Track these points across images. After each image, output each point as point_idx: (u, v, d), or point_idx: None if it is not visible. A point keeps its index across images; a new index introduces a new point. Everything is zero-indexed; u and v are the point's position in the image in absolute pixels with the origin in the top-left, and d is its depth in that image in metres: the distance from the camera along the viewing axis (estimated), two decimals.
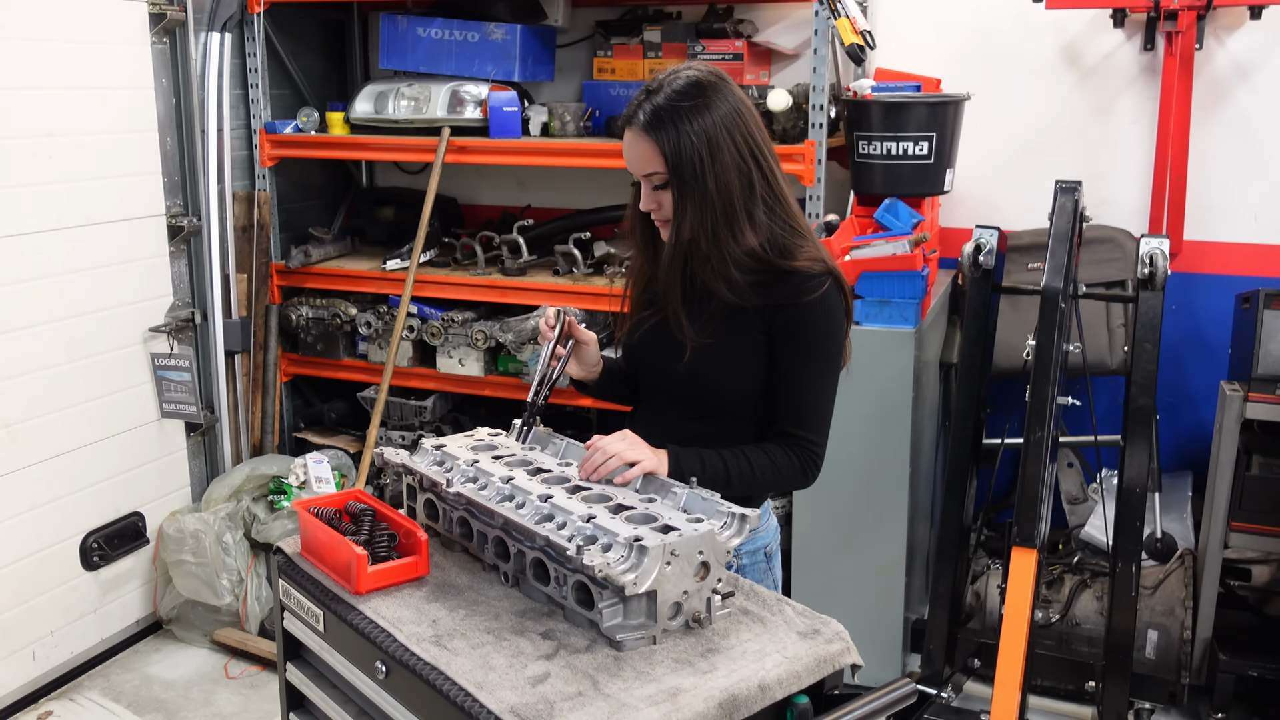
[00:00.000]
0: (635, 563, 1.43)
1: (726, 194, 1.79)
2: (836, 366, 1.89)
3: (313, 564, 1.69)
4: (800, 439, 1.85)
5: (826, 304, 1.82)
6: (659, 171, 1.79)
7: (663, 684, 1.37)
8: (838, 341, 1.87)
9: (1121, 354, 3.37)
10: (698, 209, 1.79)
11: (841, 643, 1.49)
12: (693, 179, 1.77)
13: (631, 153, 1.83)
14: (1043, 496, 2.60)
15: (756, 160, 1.81)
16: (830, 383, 1.89)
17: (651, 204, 1.83)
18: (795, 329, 1.82)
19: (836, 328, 1.86)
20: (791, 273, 1.81)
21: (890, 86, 3.41)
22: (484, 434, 1.89)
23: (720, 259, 1.80)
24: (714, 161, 1.77)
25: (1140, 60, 3.52)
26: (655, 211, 1.84)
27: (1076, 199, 2.79)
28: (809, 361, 1.84)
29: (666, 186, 1.80)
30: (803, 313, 1.81)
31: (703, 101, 1.77)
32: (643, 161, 1.81)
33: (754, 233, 1.81)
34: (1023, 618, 2.51)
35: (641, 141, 1.79)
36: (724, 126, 1.78)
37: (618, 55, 3.92)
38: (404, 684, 1.45)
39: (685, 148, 1.76)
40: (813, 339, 1.83)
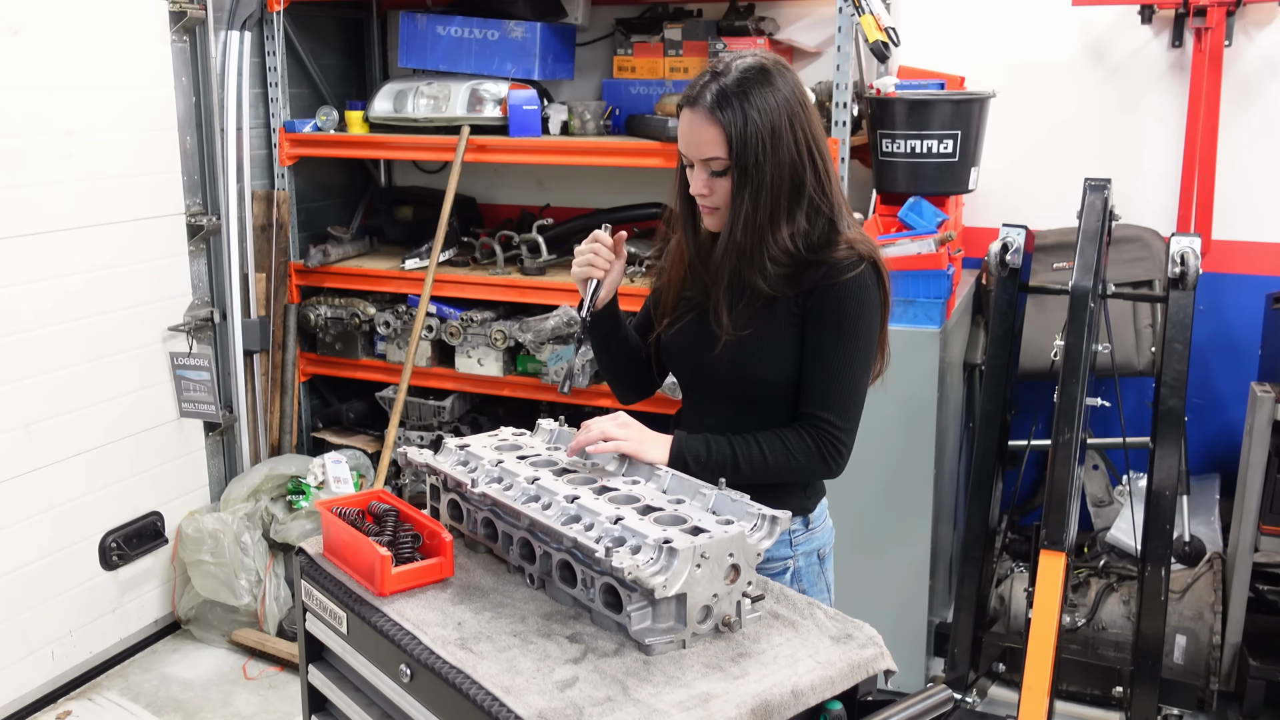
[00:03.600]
0: (665, 565, 1.40)
1: (776, 190, 1.76)
2: (866, 350, 1.83)
3: (335, 565, 1.67)
4: (822, 422, 1.80)
5: (859, 285, 1.78)
6: (719, 157, 1.75)
7: (693, 689, 1.35)
8: (869, 324, 1.81)
9: (1149, 354, 3.32)
10: (754, 197, 1.76)
11: (875, 648, 1.46)
12: (755, 167, 1.74)
13: (692, 135, 1.77)
14: (1071, 499, 2.56)
15: (813, 157, 1.79)
16: (859, 366, 1.83)
17: (704, 189, 1.79)
18: (825, 309, 1.79)
19: (868, 310, 1.80)
20: (820, 263, 1.79)
21: (913, 84, 3.37)
22: (508, 434, 1.87)
23: (759, 251, 1.78)
24: (775, 151, 1.75)
25: (1168, 57, 3.48)
26: (705, 197, 1.80)
27: (1106, 197, 2.75)
28: (836, 342, 1.79)
29: (725, 174, 1.76)
30: (834, 293, 1.78)
31: (769, 87, 1.75)
32: (704, 145, 1.76)
33: (791, 229, 1.78)
34: (1051, 622, 2.47)
35: (705, 124, 1.75)
36: (787, 115, 1.75)
37: (638, 53, 3.89)
38: (429, 687, 1.43)
39: (750, 133, 1.73)
40: (841, 319, 1.79)
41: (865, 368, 1.84)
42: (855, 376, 1.83)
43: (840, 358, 1.80)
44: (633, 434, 1.74)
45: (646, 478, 1.68)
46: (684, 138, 1.80)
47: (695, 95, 1.76)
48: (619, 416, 1.76)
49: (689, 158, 1.80)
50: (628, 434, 1.74)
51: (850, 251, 1.79)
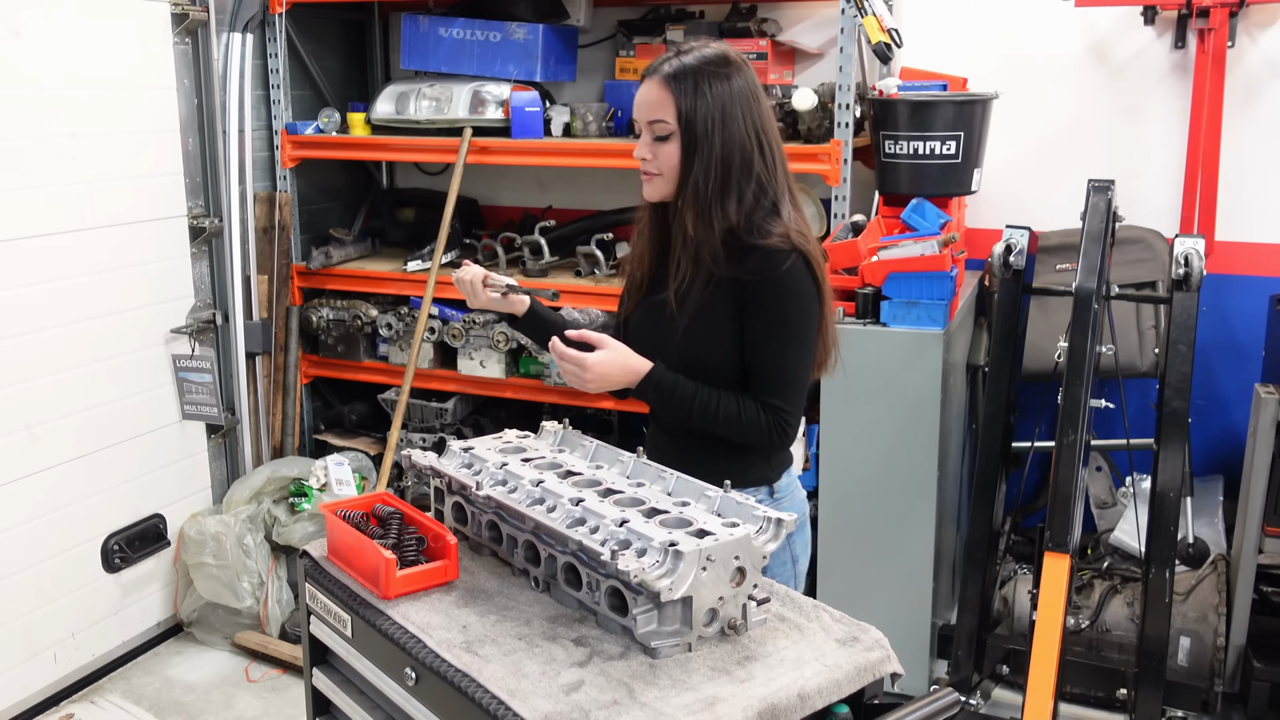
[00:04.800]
0: (670, 568, 1.40)
1: (727, 163, 1.87)
2: (805, 341, 1.95)
3: (340, 568, 1.66)
4: (773, 406, 1.93)
5: (792, 278, 1.89)
6: (666, 121, 1.87)
7: (700, 692, 1.34)
8: (804, 316, 1.93)
9: (1152, 356, 3.32)
10: (704, 164, 1.87)
11: (881, 651, 1.45)
12: (703, 137, 1.86)
13: (645, 98, 1.91)
14: (1075, 501, 2.56)
15: (760, 144, 1.90)
16: (799, 356, 1.95)
17: (647, 153, 1.92)
18: (762, 304, 1.90)
19: (802, 302, 1.92)
20: (756, 248, 1.89)
21: (916, 85, 3.36)
22: (512, 436, 1.87)
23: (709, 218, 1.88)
24: (724, 129, 1.87)
25: (1171, 58, 3.47)
26: (646, 161, 1.93)
27: (1109, 198, 2.75)
28: (775, 336, 1.91)
29: (667, 139, 1.89)
30: (769, 288, 1.89)
31: (725, 73, 1.88)
32: (654, 107, 1.89)
33: (737, 209, 1.89)
34: (1055, 624, 2.47)
35: (657, 90, 1.88)
36: (739, 102, 1.88)
37: (640, 55, 3.89)
38: (434, 691, 1.42)
39: (701, 107, 1.86)
40: (777, 313, 1.91)
41: (805, 356, 1.96)
42: (796, 365, 1.95)
43: (778, 348, 1.93)
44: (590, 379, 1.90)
45: (651, 480, 1.68)
46: (638, 102, 1.93)
47: (655, 66, 1.91)
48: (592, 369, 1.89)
49: (640, 121, 1.93)
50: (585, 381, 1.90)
51: (784, 241, 1.89)
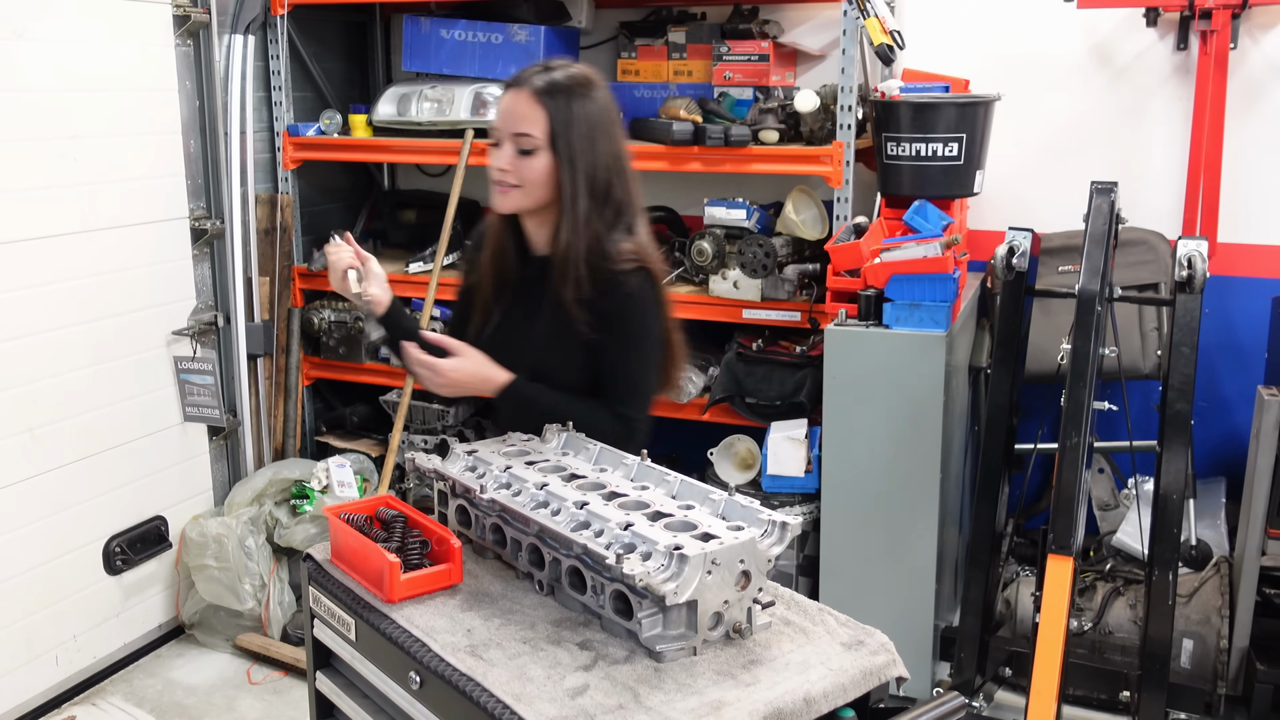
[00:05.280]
0: (676, 571, 1.40)
1: (596, 181, 1.94)
2: (654, 353, 2.03)
3: (344, 571, 1.66)
4: (623, 415, 2.00)
5: (640, 294, 1.97)
6: (534, 136, 1.91)
7: (705, 696, 1.34)
8: (653, 329, 2.01)
9: (1155, 358, 3.32)
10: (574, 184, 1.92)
11: (887, 654, 1.45)
12: (577, 154, 1.92)
13: (513, 109, 1.93)
14: (1079, 503, 2.55)
15: (621, 165, 1.98)
16: (648, 366, 2.04)
17: (506, 164, 1.94)
18: (614, 318, 1.96)
19: (650, 316, 2.00)
20: (610, 265, 1.94)
21: (918, 87, 3.36)
22: (516, 439, 1.86)
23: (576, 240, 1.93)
24: (593, 148, 1.93)
25: (1173, 60, 3.47)
26: (504, 173, 1.94)
27: (1112, 200, 2.75)
28: (626, 349, 1.99)
29: (531, 154, 1.92)
30: (622, 303, 1.95)
31: (592, 94, 1.95)
32: (523, 120, 1.92)
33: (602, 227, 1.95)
34: (1059, 627, 2.46)
35: (529, 104, 1.91)
36: (603, 122, 1.96)
37: (642, 57, 3.89)
38: (439, 695, 1.42)
39: (574, 124, 1.91)
40: (628, 329, 1.98)
41: (654, 367, 2.05)
42: (644, 375, 2.04)
43: (630, 361, 2.01)
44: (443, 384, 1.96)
45: (655, 483, 1.68)
46: (502, 113, 1.95)
47: (524, 78, 1.94)
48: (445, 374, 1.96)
49: (502, 132, 1.94)
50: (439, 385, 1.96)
51: (634, 258, 1.95)
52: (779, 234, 3.47)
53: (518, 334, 2.05)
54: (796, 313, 3.37)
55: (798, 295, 3.40)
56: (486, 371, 1.98)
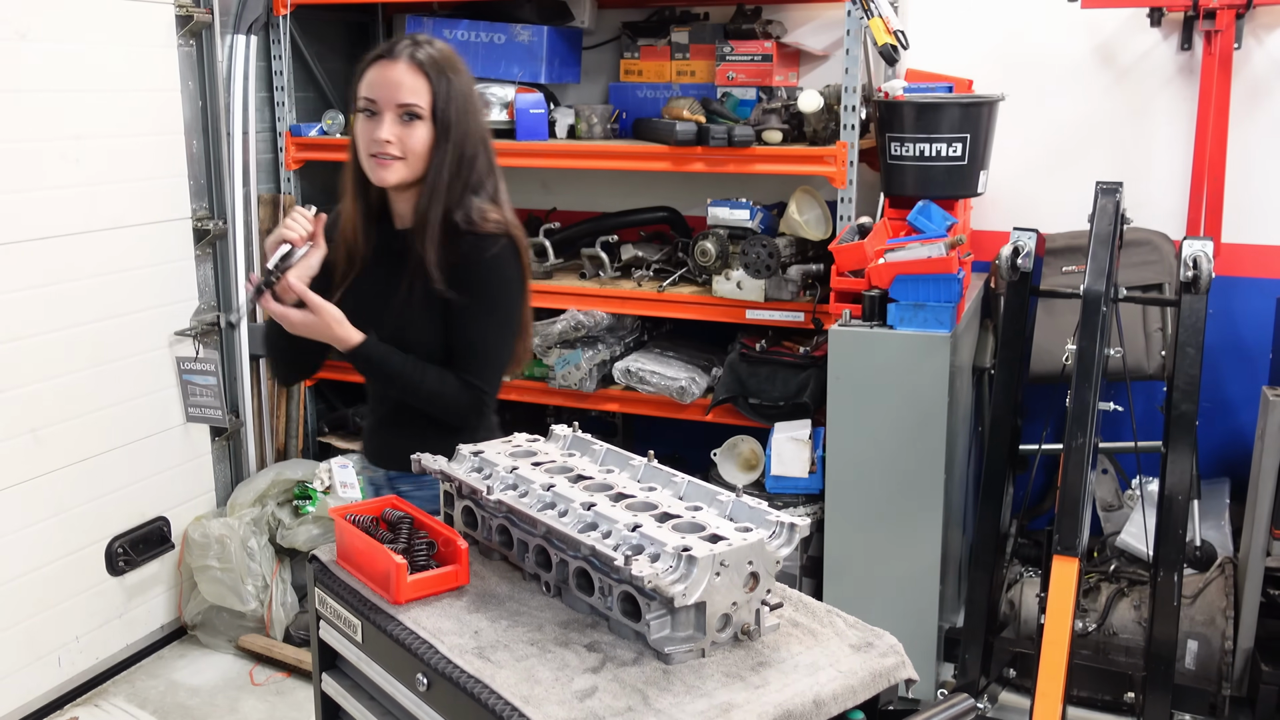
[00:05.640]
0: (684, 573, 1.39)
1: (469, 154, 1.97)
2: (510, 323, 2.04)
3: (349, 572, 1.65)
4: (473, 385, 2.03)
5: (501, 261, 1.98)
6: (419, 105, 1.93)
7: (714, 699, 1.33)
8: (511, 298, 2.03)
9: (1159, 358, 3.31)
10: (449, 155, 1.94)
11: (896, 656, 1.44)
12: (453, 125, 1.94)
13: (395, 79, 1.93)
14: (1084, 504, 2.55)
15: (485, 139, 2.03)
16: (503, 337, 2.05)
17: (391, 135, 1.92)
18: (472, 284, 1.97)
19: (510, 285, 2.01)
20: (472, 233, 1.97)
21: (921, 87, 3.36)
22: (522, 439, 1.86)
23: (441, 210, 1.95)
24: (468, 119, 1.97)
25: (1177, 60, 3.47)
26: (388, 145, 1.92)
27: (1117, 200, 2.74)
28: (483, 317, 2.00)
29: (414, 124, 1.93)
30: (479, 269, 1.97)
31: (461, 70, 2.00)
32: (407, 90, 1.92)
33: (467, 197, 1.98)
34: (1065, 628, 2.46)
35: (410, 73, 1.93)
36: (472, 98, 2.01)
37: (645, 57, 3.89)
38: (446, 697, 1.41)
39: (452, 96, 1.95)
40: (489, 296, 1.99)
41: (509, 338, 2.06)
42: (498, 346, 2.05)
43: (484, 328, 2.01)
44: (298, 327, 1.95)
45: (663, 484, 1.67)
46: (380, 84, 1.93)
47: (398, 49, 1.95)
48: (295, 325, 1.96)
49: (382, 103, 1.93)
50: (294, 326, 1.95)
51: (499, 226, 1.99)
52: (782, 234, 3.47)
53: (378, 303, 2.04)
54: (800, 313, 3.36)
55: (801, 296, 3.39)
56: (338, 330, 1.96)
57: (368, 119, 1.96)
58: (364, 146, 1.97)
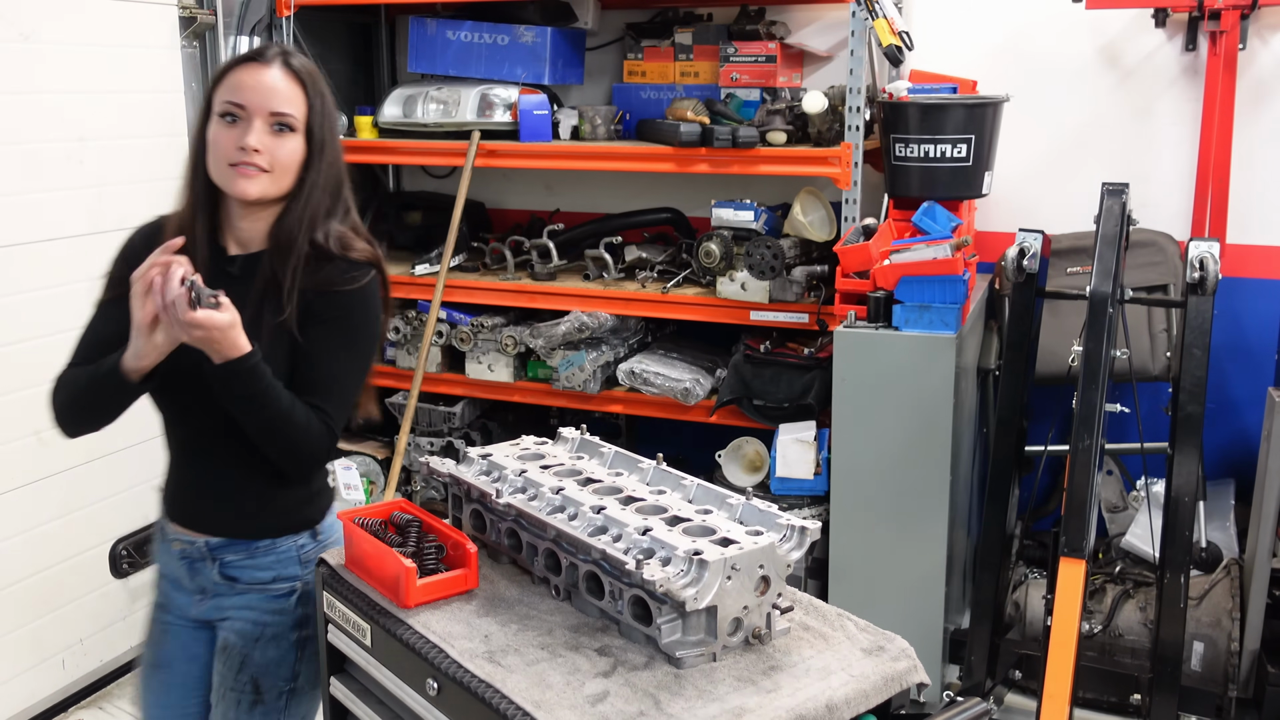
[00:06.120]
0: (695, 577, 1.39)
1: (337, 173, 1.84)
2: (368, 356, 1.91)
3: (358, 576, 1.65)
4: (327, 418, 1.82)
5: (368, 292, 1.85)
6: (294, 115, 1.76)
7: (726, 703, 1.33)
8: (372, 330, 1.89)
9: (1164, 360, 3.31)
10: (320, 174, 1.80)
11: (908, 660, 1.44)
12: (326, 142, 1.81)
13: (270, 84, 1.75)
14: (1091, 506, 2.55)
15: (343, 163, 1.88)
16: (359, 371, 1.90)
17: (259, 144, 1.73)
18: (336, 315, 1.82)
19: (372, 317, 1.87)
20: (339, 259, 1.83)
21: (925, 88, 3.35)
22: (530, 442, 1.85)
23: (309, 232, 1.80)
24: (336, 144, 1.85)
25: (1182, 61, 3.46)
26: (257, 155, 1.73)
27: (1124, 202, 2.74)
28: (343, 350, 1.84)
29: (286, 135, 1.76)
30: (345, 298, 1.82)
31: (328, 94, 1.85)
32: (283, 98, 1.76)
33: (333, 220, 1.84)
34: (1072, 629, 2.45)
35: (290, 81, 1.77)
36: (336, 119, 1.87)
37: (648, 58, 3.88)
38: (457, 701, 1.41)
39: (326, 114, 1.81)
40: (351, 326, 1.84)
41: (363, 376, 1.92)
42: (355, 383, 1.90)
43: (344, 362, 1.85)
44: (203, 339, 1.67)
45: (672, 487, 1.67)
46: (252, 88, 1.75)
47: (269, 54, 1.79)
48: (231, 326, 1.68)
49: (252, 109, 1.74)
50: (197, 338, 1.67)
51: (368, 254, 1.86)
52: (786, 235, 3.47)
53: None
54: (804, 314, 3.36)
55: (805, 297, 3.39)
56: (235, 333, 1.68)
57: (229, 125, 1.75)
58: (223, 154, 1.75)
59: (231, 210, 1.85)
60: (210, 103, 1.80)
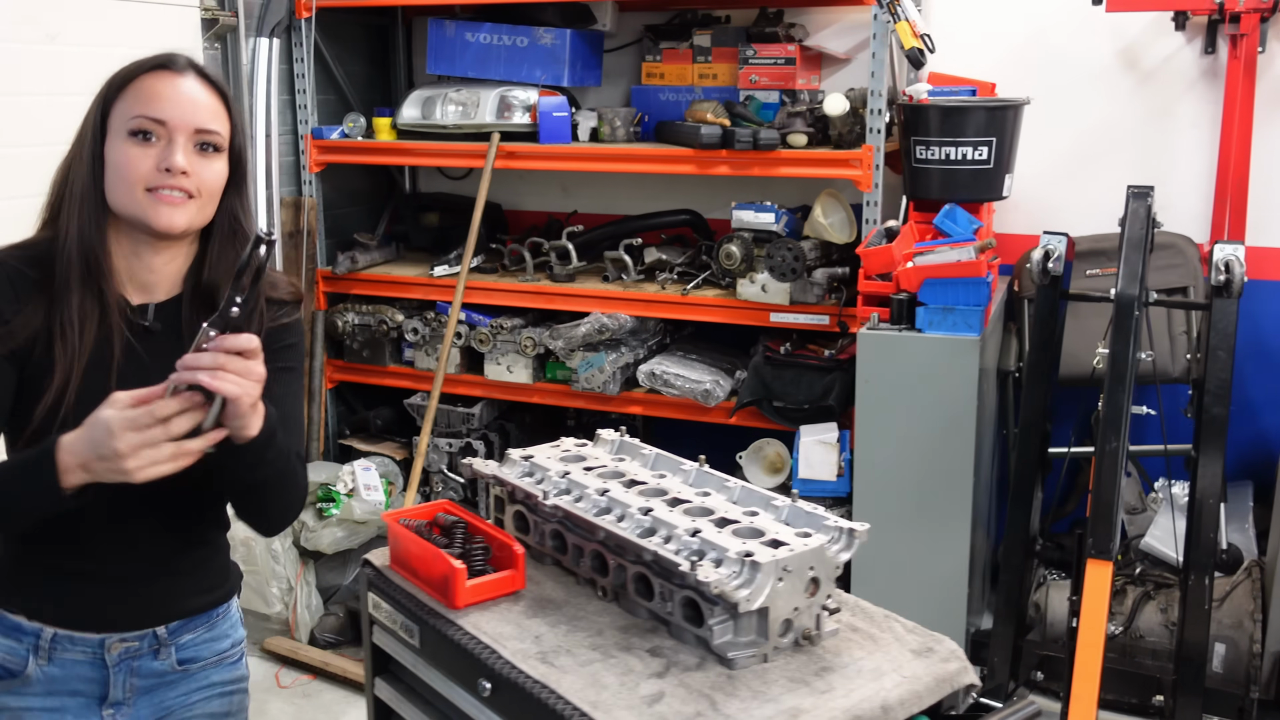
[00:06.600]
0: (748, 578, 1.39)
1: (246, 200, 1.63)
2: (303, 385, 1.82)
3: (404, 577, 1.65)
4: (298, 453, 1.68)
5: (299, 329, 1.71)
6: (219, 133, 1.53)
7: (781, 704, 1.33)
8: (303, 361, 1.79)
9: (1184, 362, 3.32)
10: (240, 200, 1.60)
11: (958, 661, 1.44)
12: (244, 165, 1.60)
13: (185, 95, 1.50)
14: (1117, 507, 2.55)
15: None
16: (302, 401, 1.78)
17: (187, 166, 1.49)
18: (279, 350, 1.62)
19: (301, 349, 1.75)
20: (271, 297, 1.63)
21: (945, 90, 3.37)
22: (570, 444, 1.86)
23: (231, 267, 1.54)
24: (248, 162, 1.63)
25: (1201, 64, 3.48)
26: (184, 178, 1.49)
27: (1149, 204, 2.75)
28: (289, 380, 1.69)
29: (212, 155, 1.52)
30: (285, 333, 1.67)
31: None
32: (209, 113, 1.52)
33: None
34: (1099, 631, 2.46)
35: (206, 92, 1.53)
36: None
37: (666, 60, 3.90)
38: (511, 702, 1.41)
39: (242, 127, 1.60)
40: (292, 359, 1.70)
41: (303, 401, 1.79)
42: (301, 410, 1.79)
43: (294, 394, 1.71)
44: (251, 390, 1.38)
45: (715, 489, 1.67)
46: (171, 100, 1.49)
47: (179, 61, 1.54)
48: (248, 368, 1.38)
49: (174, 125, 1.49)
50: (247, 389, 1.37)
51: (294, 291, 1.69)
52: (806, 237, 3.47)
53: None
54: (825, 316, 3.37)
55: (826, 299, 3.39)
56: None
57: (141, 143, 1.49)
58: (138, 177, 1.48)
59: (131, 248, 1.55)
60: (106, 116, 1.53)
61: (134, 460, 1.34)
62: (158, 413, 1.34)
